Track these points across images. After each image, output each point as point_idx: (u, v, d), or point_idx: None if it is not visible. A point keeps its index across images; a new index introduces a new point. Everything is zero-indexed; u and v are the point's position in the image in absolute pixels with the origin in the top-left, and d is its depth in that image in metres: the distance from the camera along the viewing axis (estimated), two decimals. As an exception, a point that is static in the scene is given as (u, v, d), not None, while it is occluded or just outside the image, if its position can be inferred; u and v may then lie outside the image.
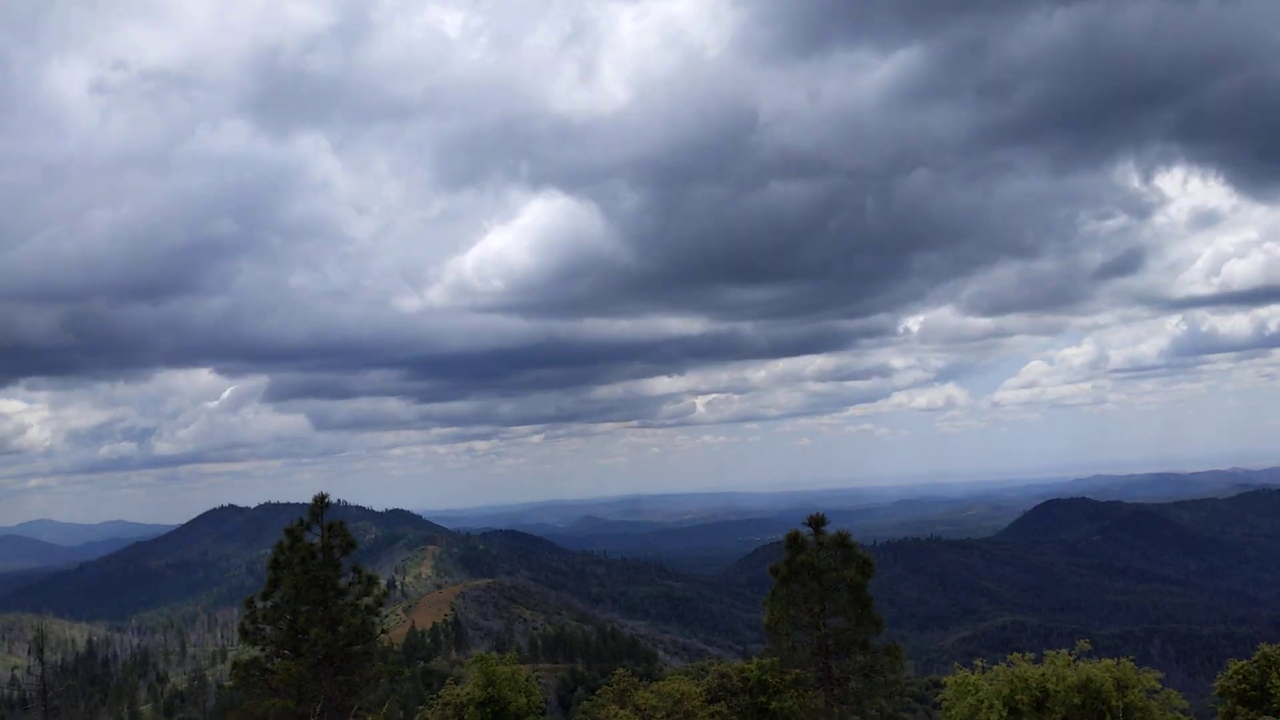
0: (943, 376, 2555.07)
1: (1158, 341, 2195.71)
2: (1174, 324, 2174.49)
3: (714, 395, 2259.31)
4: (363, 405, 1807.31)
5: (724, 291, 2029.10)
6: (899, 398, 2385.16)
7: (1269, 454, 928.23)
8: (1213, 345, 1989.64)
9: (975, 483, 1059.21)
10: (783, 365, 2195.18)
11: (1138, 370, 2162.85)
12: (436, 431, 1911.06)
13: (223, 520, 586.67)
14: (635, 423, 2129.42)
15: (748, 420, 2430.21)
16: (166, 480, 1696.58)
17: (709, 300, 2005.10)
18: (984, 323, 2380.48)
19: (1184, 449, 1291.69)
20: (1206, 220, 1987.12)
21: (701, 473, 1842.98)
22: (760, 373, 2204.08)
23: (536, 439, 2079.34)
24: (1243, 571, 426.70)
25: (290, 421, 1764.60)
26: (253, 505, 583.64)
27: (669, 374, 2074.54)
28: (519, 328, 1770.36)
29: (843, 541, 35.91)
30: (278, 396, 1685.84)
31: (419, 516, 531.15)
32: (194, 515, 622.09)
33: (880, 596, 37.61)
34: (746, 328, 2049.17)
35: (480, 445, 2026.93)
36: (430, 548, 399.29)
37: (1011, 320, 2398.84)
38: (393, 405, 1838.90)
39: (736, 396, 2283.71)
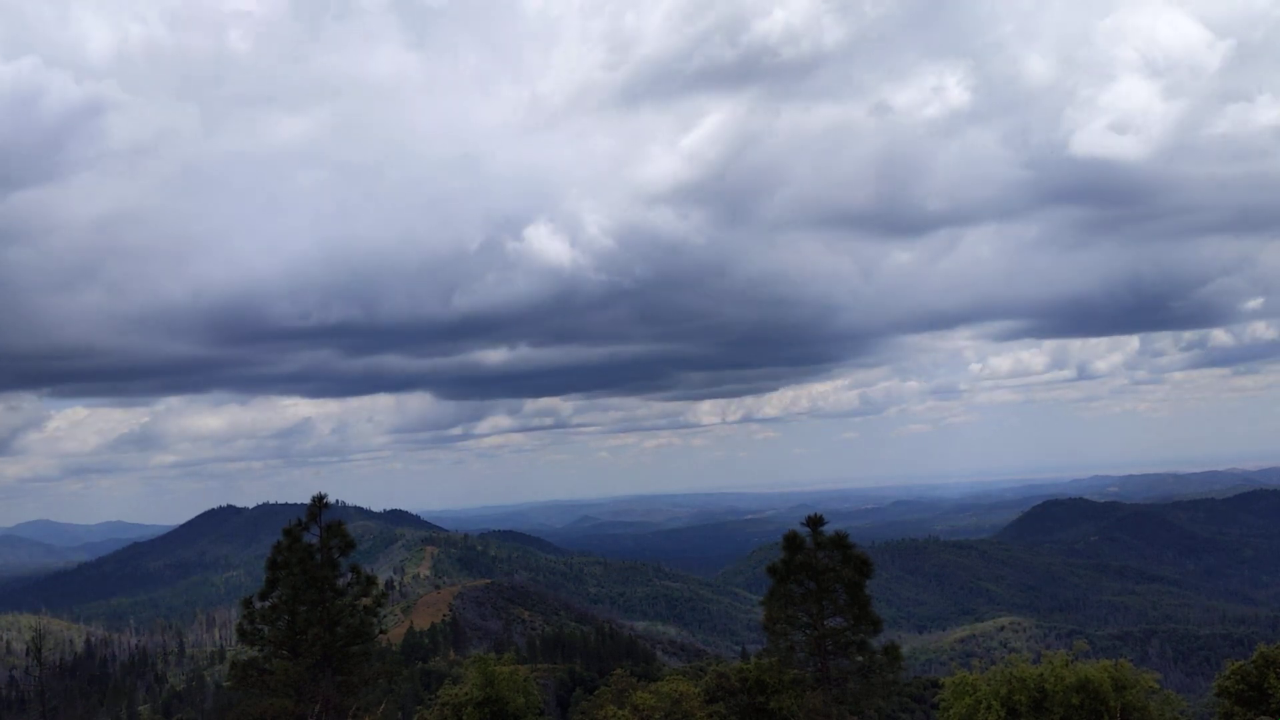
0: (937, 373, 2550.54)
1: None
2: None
3: (714, 398, 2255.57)
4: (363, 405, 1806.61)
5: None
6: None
7: (1266, 454, 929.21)
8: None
9: (973, 483, 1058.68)
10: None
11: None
12: (435, 432, 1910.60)
13: (221, 521, 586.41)
14: (634, 424, 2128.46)
15: (747, 421, 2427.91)
16: (165, 481, 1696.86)
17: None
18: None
19: (1181, 449, 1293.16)
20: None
21: (700, 473, 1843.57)
22: (760, 372, 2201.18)
23: (535, 440, 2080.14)
24: (1240, 572, 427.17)
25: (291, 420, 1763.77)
26: (251, 506, 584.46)
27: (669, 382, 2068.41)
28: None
29: (840, 542, 35.94)
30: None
31: (417, 517, 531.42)
32: (192, 516, 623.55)
33: (878, 597, 37.64)
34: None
35: (479, 445, 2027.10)
36: (428, 548, 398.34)
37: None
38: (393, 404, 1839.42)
39: (737, 398, 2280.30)
